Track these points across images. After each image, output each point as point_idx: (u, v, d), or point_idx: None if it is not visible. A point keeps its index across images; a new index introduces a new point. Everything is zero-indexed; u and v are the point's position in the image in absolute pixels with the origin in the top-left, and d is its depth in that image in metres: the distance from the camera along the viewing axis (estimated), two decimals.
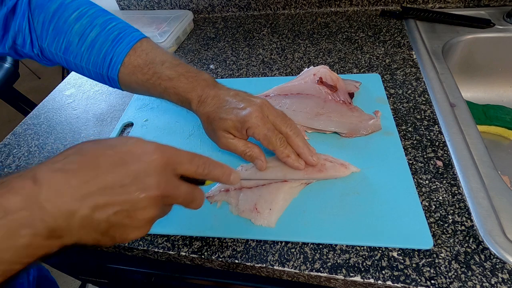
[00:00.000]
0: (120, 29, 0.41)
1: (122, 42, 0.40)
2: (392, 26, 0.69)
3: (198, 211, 0.40)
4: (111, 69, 0.41)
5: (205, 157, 0.30)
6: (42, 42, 0.41)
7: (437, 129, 0.46)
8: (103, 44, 0.40)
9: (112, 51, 0.40)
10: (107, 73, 0.41)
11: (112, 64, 0.40)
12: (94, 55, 0.40)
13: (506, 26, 0.64)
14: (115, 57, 0.40)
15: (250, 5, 0.82)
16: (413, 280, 0.32)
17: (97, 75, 0.43)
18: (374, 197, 0.38)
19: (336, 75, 0.52)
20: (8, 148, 0.56)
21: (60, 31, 0.40)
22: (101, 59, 0.40)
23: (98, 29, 0.40)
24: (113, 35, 0.40)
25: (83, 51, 0.40)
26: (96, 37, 0.40)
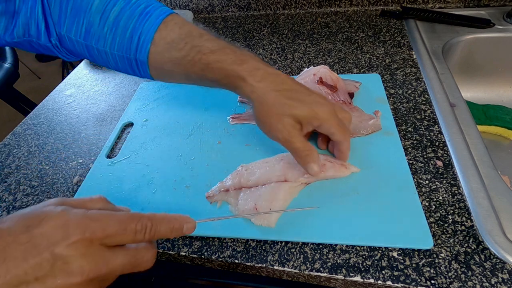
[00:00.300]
0: (146, 1, 0.35)
1: (150, 16, 0.34)
2: (392, 26, 0.69)
3: (198, 211, 0.40)
4: (140, 50, 0.35)
5: (145, 216, 0.26)
6: (60, 28, 0.35)
7: (437, 129, 0.46)
8: (129, 20, 0.34)
9: (139, 27, 0.34)
10: (135, 56, 0.35)
11: (141, 43, 0.34)
12: (119, 35, 0.35)
13: (506, 26, 0.64)
14: (143, 35, 0.34)
15: (250, 5, 0.82)
16: (413, 280, 0.32)
17: (123, 62, 0.37)
18: (374, 197, 0.38)
19: (336, 75, 0.52)
20: (8, 148, 0.56)
21: (79, 10, 0.34)
22: (127, 39, 0.35)
23: (122, 3, 0.34)
24: (139, 9, 0.34)
25: (106, 31, 0.34)
26: (120, 13, 0.34)
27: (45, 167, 0.51)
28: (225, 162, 0.45)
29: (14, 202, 0.47)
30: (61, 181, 0.49)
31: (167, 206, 0.41)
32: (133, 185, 0.45)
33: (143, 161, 0.48)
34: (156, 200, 0.42)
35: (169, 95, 0.60)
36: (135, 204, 0.42)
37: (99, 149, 0.53)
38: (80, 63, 0.77)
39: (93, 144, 0.54)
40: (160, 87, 0.62)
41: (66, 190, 0.47)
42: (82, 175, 0.49)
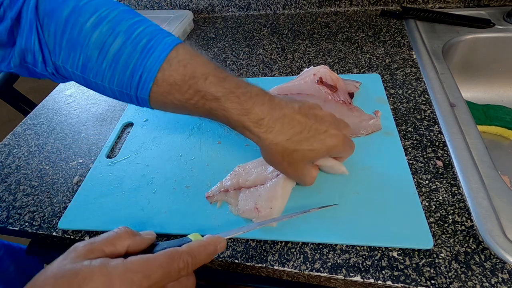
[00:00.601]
0: (149, 34, 0.32)
1: (153, 53, 0.31)
2: (392, 26, 0.69)
3: (198, 211, 0.40)
4: (141, 89, 0.32)
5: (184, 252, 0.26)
6: (55, 59, 0.33)
7: (437, 129, 0.46)
8: (130, 57, 0.31)
9: (141, 66, 0.31)
10: (136, 93, 0.33)
11: (142, 82, 0.32)
12: (119, 72, 0.32)
13: (506, 26, 0.64)
14: (145, 74, 0.31)
15: (250, 5, 0.82)
16: (413, 280, 0.32)
17: (123, 96, 0.34)
18: (374, 197, 0.38)
19: (336, 75, 0.52)
20: (8, 148, 0.56)
21: (75, 44, 0.32)
22: (127, 77, 0.32)
23: (123, 37, 0.31)
24: (141, 44, 0.31)
25: (104, 67, 0.32)
26: (120, 49, 0.31)
27: (45, 167, 0.51)
28: (225, 162, 0.46)
29: (14, 202, 0.47)
30: (61, 181, 0.49)
31: (167, 206, 0.41)
32: (133, 185, 0.45)
33: (143, 161, 0.48)
34: (156, 200, 0.42)
35: None
36: (135, 204, 0.42)
37: (99, 149, 0.53)
38: None
39: (93, 144, 0.54)
40: None
41: (66, 190, 0.47)
42: (82, 175, 0.49)
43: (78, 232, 0.41)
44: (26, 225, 0.43)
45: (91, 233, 0.41)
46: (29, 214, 0.45)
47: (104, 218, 0.41)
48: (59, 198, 0.46)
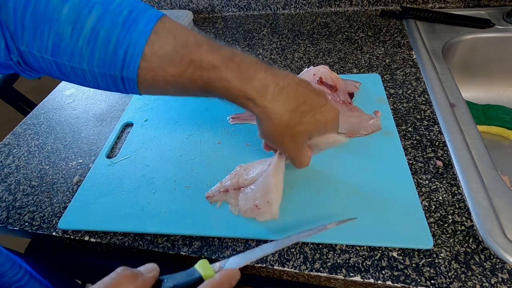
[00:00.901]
0: (130, 5, 0.28)
1: (137, 25, 0.27)
2: (392, 26, 0.69)
3: (198, 211, 0.40)
4: (128, 66, 0.28)
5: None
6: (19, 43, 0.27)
7: (437, 129, 0.46)
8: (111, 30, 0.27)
9: (125, 39, 0.27)
10: (121, 73, 0.29)
11: (128, 58, 0.28)
12: (99, 49, 0.27)
13: (506, 26, 0.64)
14: (131, 48, 0.27)
15: (250, 5, 0.82)
16: (413, 280, 0.32)
17: (105, 80, 0.30)
18: (374, 197, 0.38)
19: (336, 75, 0.52)
20: (8, 148, 0.56)
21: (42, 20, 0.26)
22: (110, 54, 0.28)
23: (100, 9, 0.27)
24: (122, 16, 0.27)
25: (81, 45, 0.27)
26: (98, 22, 0.27)
27: (45, 167, 0.51)
28: (225, 162, 0.45)
29: (14, 202, 0.47)
30: (61, 181, 0.49)
31: (167, 206, 0.41)
32: (133, 185, 0.45)
33: (143, 161, 0.48)
34: (156, 200, 0.42)
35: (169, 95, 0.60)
36: (135, 204, 0.42)
37: (99, 149, 0.53)
38: None
39: (93, 144, 0.54)
40: None
41: (66, 190, 0.47)
42: (82, 175, 0.49)
43: (78, 232, 0.41)
44: (26, 225, 0.43)
45: (91, 233, 0.41)
46: (29, 214, 0.45)
47: (104, 218, 0.41)
48: (59, 198, 0.46)
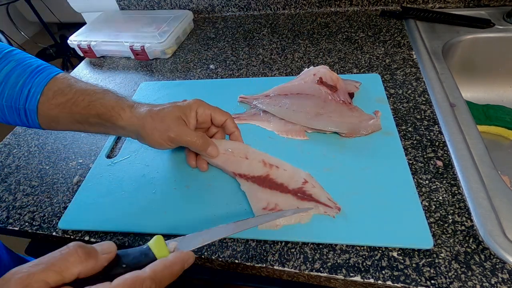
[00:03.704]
0: (39, 64, 0.39)
1: (42, 73, 0.38)
2: (392, 26, 0.69)
3: (198, 211, 0.40)
4: (30, 100, 0.37)
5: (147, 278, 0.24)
6: None
7: (437, 129, 0.46)
8: (20, 76, 0.37)
9: (30, 82, 0.37)
10: (24, 106, 0.37)
11: (30, 95, 0.37)
12: (9, 87, 0.37)
13: (506, 26, 0.64)
14: (33, 87, 0.37)
15: (250, 5, 0.82)
16: (413, 280, 0.32)
17: (11, 112, 0.38)
18: (374, 197, 0.38)
19: (336, 75, 0.52)
20: (8, 148, 0.56)
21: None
22: (17, 91, 0.37)
23: (14, 63, 0.38)
24: (31, 68, 0.38)
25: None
26: (11, 70, 0.37)
27: (45, 167, 0.51)
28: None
29: (14, 202, 0.47)
30: (61, 181, 0.49)
31: (167, 206, 0.41)
32: (133, 185, 0.45)
33: (143, 161, 0.48)
34: (156, 200, 0.42)
35: (169, 95, 0.60)
36: (135, 204, 0.42)
37: (99, 149, 0.53)
38: (80, 63, 0.77)
39: (93, 144, 0.54)
40: (160, 87, 0.63)
41: (66, 190, 0.47)
42: (82, 175, 0.49)
43: (78, 232, 0.41)
44: (26, 225, 0.43)
45: (91, 233, 0.41)
46: (29, 214, 0.45)
47: (104, 218, 0.41)
48: (59, 198, 0.46)
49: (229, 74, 0.64)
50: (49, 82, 0.38)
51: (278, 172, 0.41)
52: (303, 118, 0.48)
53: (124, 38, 0.73)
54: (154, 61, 0.72)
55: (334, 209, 0.37)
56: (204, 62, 0.69)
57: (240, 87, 0.58)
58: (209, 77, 0.64)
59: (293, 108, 0.49)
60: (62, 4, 1.41)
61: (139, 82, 0.66)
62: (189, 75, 0.66)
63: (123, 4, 0.88)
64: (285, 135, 0.48)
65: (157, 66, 0.70)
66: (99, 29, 0.79)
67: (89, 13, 0.92)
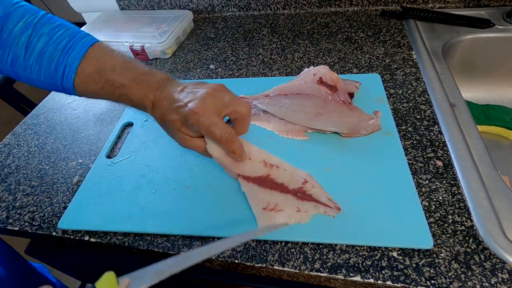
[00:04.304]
0: (69, 35, 0.39)
1: (73, 50, 0.38)
2: (392, 26, 0.69)
3: (198, 211, 0.40)
4: (66, 80, 0.39)
5: None
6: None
7: (437, 129, 0.46)
8: (53, 54, 0.38)
9: (63, 61, 0.38)
10: (62, 84, 0.39)
11: (65, 74, 0.38)
12: (44, 67, 0.38)
13: (506, 26, 0.64)
14: (67, 67, 0.38)
15: (250, 5, 0.82)
16: (413, 280, 0.32)
17: (51, 85, 0.40)
18: (374, 197, 0.38)
19: (336, 75, 0.52)
20: (8, 148, 0.56)
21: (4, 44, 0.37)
22: (53, 70, 0.38)
23: (46, 38, 0.37)
24: (62, 44, 0.38)
25: (32, 63, 0.38)
26: (44, 47, 0.37)
27: (45, 167, 0.51)
28: None
29: (14, 202, 0.47)
30: (61, 181, 0.49)
31: (167, 206, 0.41)
32: (133, 185, 0.45)
33: (143, 161, 0.48)
34: (156, 200, 0.42)
35: None
36: (135, 204, 0.42)
37: (99, 149, 0.53)
38: None
39: (93, 144, 0.54)
40: None
41: (66, 190, 0.47)
42: (82, 175, 0.49)
43: (78, 232, 0.41)
44: (26, 225, 0.43)
45: (91, 233, 0.41)
46: (29, 214, 0.45)
47: (104, 218, 0.41)
48: (59, 198, 0.46)
49: (229, 74, 0.64)
50: (81, 62, 0.38)
51: (278, 172, 0.41)
52: (303, 118, 0.48)
53: (124, 38, 0.73)
54: (154, 61, 0.72)
55: (334, 209, 0.37)
56: (204, 62, 0.69)
57: (240, 87, 0.58)
58: (209, 77, 0.64)
59: (293, 108, 0.49)
60: (62, 4, 1.41)
61: None
62: (189, 75, 0.66)
63: (123, 4, 0.88)
64: (285, 135, 0.48)
65: (157, 66, 0.70)
66: (99, 29, 0.79)
67: (89, 13, 0.92)
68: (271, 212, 0.37)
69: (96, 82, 0.39)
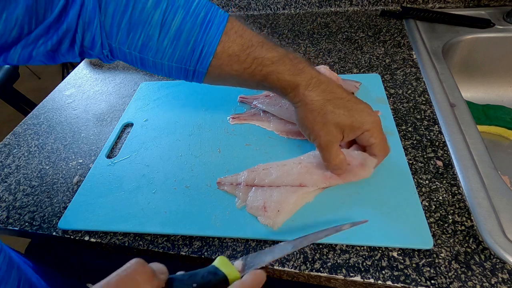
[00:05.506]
0: (205, 6, 0.33)
1: (212, 26, 0.33)
2: (392, 26, 0.69)
3: (198, 211, 0.40)
4: (201, 62, 0.34)
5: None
6: (111, 41, 0.33)
7: (437, 129, 0.46)
8: (191, 32, 0.33)
9: (202, 40, 0.33)
10: (195, 67, 0.35)
11: (202, 56, 0.34)
12: (180, 48, 0.33)
13: (506, 26, 0.64)
14: (206, 47, 0.33)
15: (250, 5, 0.82)
16: (413, 280, 0.32)
17: (179, 72, 0.36)
18: (374, 197, 0.38)
19: (336, 75, 0.52)
20: (8, 148, 0.56)
21: (136, 24, 0.32)
22: (189, 52, 0.33)
23: (182, 12, 0.32)
24: (200, 18, 0.33)
25: (166, 45, 0.33)
26: (181, 25, 0.32)
27: (45, 167, 0.51)
28: (225, 162, 0.45)
29: (14, 202, 0.47)
30: (61, 181, 0.49)
31: (167, 206, 0.41)
32: (133, 185, 0.45)
33: (143, 161, 0.48)
34: (156, 200, 0.42)
35: (169, 95, 0.60)
36: (135, 204, 0.42)
37: (99, 149, 0.53)
38: (80, 63, 0.77)
39: (93, 144, 0.54)
40: (160, 87, 0.63)
41: (66, 190, 0.47)
42: (82, 175, 0.49)
43: (78, 232, 0.41)
44: (26, 225, 0.43)
45: (91, 233, 0.41)
46: (29, 214, 0.45)
47: (104, 218, 0.41)
48: (59, 198, 0.46)
49: None
50: (221, 40, 0.33)
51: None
52: None
53: None
54: None
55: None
56: None
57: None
58: None
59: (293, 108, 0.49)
60: None
61: (139, 82, 0.66)
62: None
63: None
64: (285, 135, 0.48)
65: None
66: None
67: None
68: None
69: (242, 61, 0.34)
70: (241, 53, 0.34)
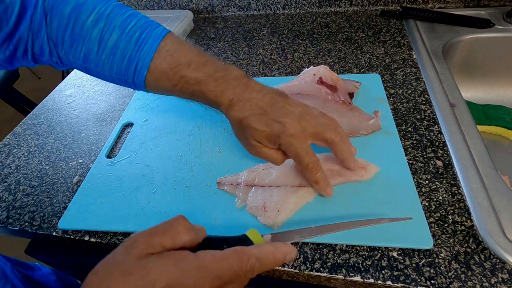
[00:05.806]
0: (141, 27, 0.37)
1: (145, 45, 0.36)
2: (392, 26, 0.69)
3: (198, 210, 0.40)
4: (137, 76, 0.37)
5: (252, 256, 0.25)
6: (59, 50, 0.37)
7: (437, 129, 0.46)
8: (125, 49, 0.36)
9: (136, 56, 0.36)
10: (133, 80, 0.38)
11: (137, 70, 0.37)
12: (117, 62, 0.37)
13: (506, 26, 0.64)
14: (140, 63, 0.36)
15: (250, 5, 0.82)
16: (413, 280, 0.32)
17: (121, 82, 0.39)
18: (374, 197, 0.38)
19: (336, 75, 0.52)
20: (8, 148, 0.56)
21: (77, 38, 0.36)
22: (125, 66, 0.37)
23: (118, 32, 0.36)
24: (135, 37, 0.36)
25: (104, 59, 0.37)
26: (117, 42, 0.36)
27: (45, 167, 0.51)
28: (225, 162, 0.46)
29: (14, 202, 0.47)
30: (61, 181, 0.49)
31: (167, 206, 0.41)
32: (133, 185, 0.45)
33: (143, 161, 0.48)
34: (156, 200, 0.42)
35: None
36: (135, 204, 0.42)
37: (99, 149, 0.53)
38: None
39: (93, 144, 0.54)
40: None
41: (66, 190, 0.47)
42: (82, 175, 0.49)
43: (78, 232, 0.41)
44: (26, 225, 0.43)
45: (91, 233, 0.41)
46: (29, 214, 0.45)
47: (104, 218, 0.41)
48: (59, 198, 0.46)
49: None
50: (154, 57, 0.36)
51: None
52: None
53: None
54: None
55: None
56: None
57: None
58: None
59: None
60: None
61: None
62: None
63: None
64: None
65: None
66: None
67: None
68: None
69: (170, 79, 0.37)
70: (170, 71, 0.36)
